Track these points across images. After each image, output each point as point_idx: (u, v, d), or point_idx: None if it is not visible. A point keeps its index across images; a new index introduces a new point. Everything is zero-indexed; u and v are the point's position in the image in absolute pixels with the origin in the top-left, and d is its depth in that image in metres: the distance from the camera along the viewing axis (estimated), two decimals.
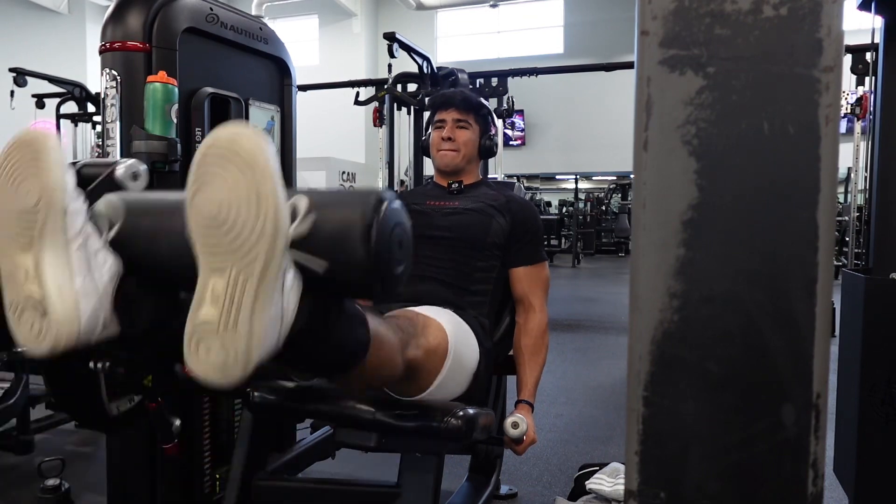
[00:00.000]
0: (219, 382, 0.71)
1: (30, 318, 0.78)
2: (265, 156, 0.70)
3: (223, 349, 0.70)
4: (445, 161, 1.70)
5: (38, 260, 0.78)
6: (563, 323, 5.33)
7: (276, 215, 0.69)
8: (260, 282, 0.69)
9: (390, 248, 0.75)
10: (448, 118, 1.70)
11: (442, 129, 1.70)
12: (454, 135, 1.68)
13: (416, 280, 1.52)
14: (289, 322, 0.74)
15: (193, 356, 0.72)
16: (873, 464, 1.60)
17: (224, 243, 0.70)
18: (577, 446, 2.54)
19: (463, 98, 1.73)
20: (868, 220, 1.97)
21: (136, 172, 1.00)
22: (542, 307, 1.62)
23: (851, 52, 4.25)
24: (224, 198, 0.69)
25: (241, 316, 0.69)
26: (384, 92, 5.09)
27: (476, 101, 1.74)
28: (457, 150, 1.68)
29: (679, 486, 0.59)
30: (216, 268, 0.71)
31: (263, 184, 0.69)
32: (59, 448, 2.39)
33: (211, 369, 0.71)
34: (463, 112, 1.70)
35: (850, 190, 6.05)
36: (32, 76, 6.11)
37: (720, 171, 0.58)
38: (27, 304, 0.78)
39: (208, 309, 0.71)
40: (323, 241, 0.74)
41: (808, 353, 0.56)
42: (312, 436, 1.64)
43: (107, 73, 1.50)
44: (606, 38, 12.47)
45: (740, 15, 0.57)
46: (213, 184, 0.70)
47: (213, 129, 0.72)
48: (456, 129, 1.69)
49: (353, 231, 0.73)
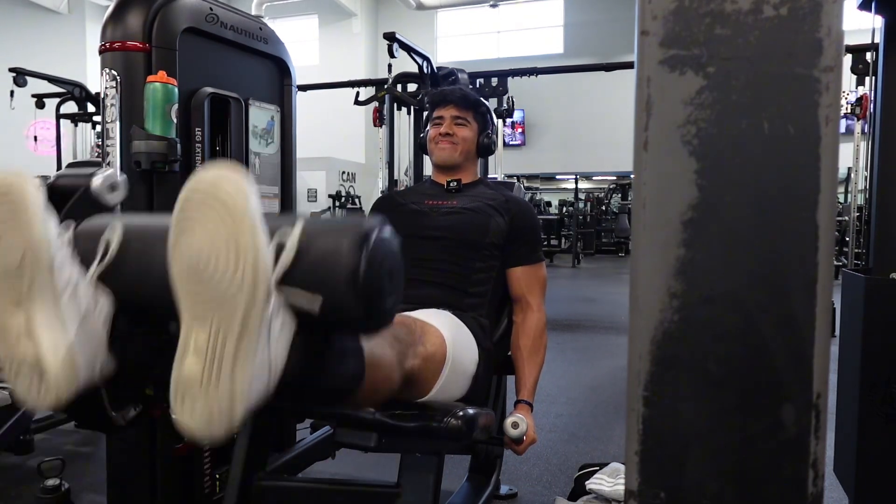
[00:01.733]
0: (204, 435, 0.69)
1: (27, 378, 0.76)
2: (245, 202, 0.67)
3: (207, 405, 0.68)
4: (443, 156, 1.69)
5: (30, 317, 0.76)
6: (563, 323, 5.33)
7: (255, 267, 0.67)
8: (240, 336, 0.67)
9: (380, 287, 0.73)
10: (446, 115, 1.70)
11: (440, 126, 1.70)
12: (452, 131, 1.69)
13: (415, 283, 1.52)
14: (278, 371, 0.72)
15: (179, 409, 0.70)
16: (873, 464, 1.60)
17: (204, 292, 0.68)
18: (577, 446, 2.54)
19: (461, 95, 1.73)
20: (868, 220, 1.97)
21: (114, 184, 0.97)
22: (539, 306, 1.62)
23: (851, 52, 4.25)
24: (203, 247, 0.68)
25: (223, 371, 0.67)
26: (384, 92, 5.09)
27: (474, 99, 1.74)
28: (455, 143, 1.68)
29: (679, 486, 0.59)
30: (198, 316, 0.69)
31: (242, 234, 0.67)
32: (59, 448, 2.39)
33: (196, 424, 0.69)
34: (462, 109, 1.70)
35: (850, 190, 6.05)
36: (32, 76, 6.11)
37: (720, 171, 0.58)
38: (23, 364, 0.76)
39: (191, 362, 0.69)
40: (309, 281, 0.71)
41: (808, 353, 0.56)
42: (312, 436, 1.64)
43: (107, 73, 1.50)
44: (606, 38, 12.47)
45: (740, 15, 0.57)
46: (194, 231, 0.68)
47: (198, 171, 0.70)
48: (454, 126, 1.69)
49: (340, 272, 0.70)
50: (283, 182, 1.88)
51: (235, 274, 0.67)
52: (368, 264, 0.71)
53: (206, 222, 0.68)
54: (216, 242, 0.67)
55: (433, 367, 1.24)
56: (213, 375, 0.68)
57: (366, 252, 0.71)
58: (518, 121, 13.47)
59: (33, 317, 0.76)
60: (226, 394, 0.68)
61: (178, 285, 0.70)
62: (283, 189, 1.87)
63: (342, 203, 11.19)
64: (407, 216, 1.65)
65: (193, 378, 0.68)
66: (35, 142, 7.70)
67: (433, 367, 1.24)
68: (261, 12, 10.31)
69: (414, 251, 1.58)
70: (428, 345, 1.23)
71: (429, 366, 1.22)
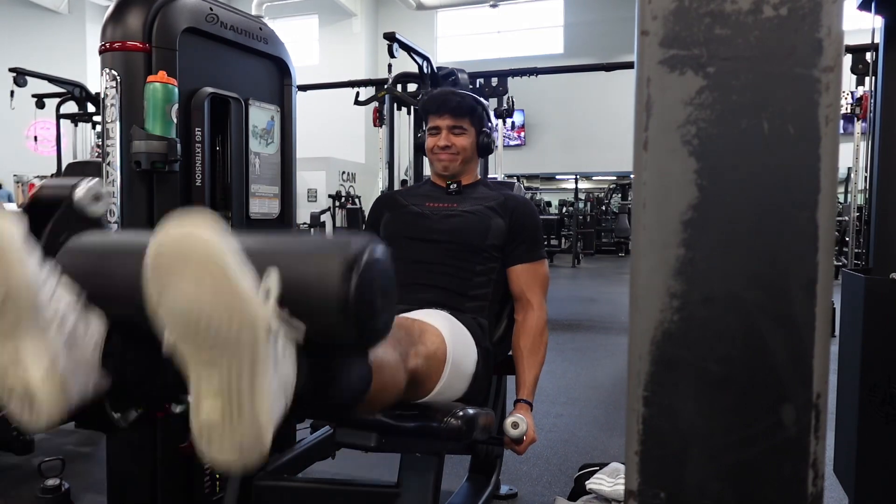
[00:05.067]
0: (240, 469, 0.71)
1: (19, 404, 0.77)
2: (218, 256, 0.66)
3: (235, 442, 0.69)
4: (443, 167, 1.69)
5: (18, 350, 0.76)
6: (563, 323, 5.33)
7: (250, 314, 0.67)
8: (252, 371, 0.68)
9: (373, 309, 0.72)
10: (442, 125, 1.67)
11: (437, 136, 1.68)
12: (450, 142, 1.67)
13: (415, 287, 1.52)
14: (290, 389, 0.73)
15: (208, 451, 0.70)
16: (873, 464, 1.60)
17: (205, 342, 0.68)
18: (577, 446, 2.54)
19: (456, 103, 1.68)
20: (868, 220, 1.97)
21: (97, 194, 0.95)
22: (540, 304, 1.61)
23: (851, 52, 4.25)
24: (190, 307, 0.67)
25: (244, 408, 0.68)
26: (384, 92, 5.09)
27: (469, 104, 1.69)
28: (455, 154, 1.68)
29: (679, 486, 0.59)
30: (205, 362, 0.69)
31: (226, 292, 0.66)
32: (59, 448, 2.39)
33: (229, 462, 0.70)
34: (457, 118, 1.67)
35: (850, 190, 6.05)
36: (32, 76, 6.11)
37: (720, 171, 0.58)
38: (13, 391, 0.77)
39: (210, 406, 0.69)
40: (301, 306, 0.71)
41: (808, 353, 0.56)
42: (312, 436, 1.64)
43: (107, 73, 1.50)
44: (606, 38, 12.47)
45: (740, 15, 0.57)
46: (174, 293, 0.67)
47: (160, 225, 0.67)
48: (451, 137, 1.67)
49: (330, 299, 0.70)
50: (283, 182, 1.88)
51: (231, 325, 0.67)
52: (359, 289, 0.70)
53: (184, 284, 0.66)
54: (202, 301, 0.66)
55: (435, 366, 1.24)
56: (234, 414, 0.69)
57: (356, 277, 0.70)
58: (519, 125, 13.47)
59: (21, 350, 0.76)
60: (251, 427, 0.69)
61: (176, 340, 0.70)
62: (283, 189, 1.87)
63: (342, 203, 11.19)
64: (407, 218, 1.65)
65: (215, 420, 0.69)
66: (35, 142, 7.71)
67: (435, 365, 1.24)
68: (261, 12, 10.32)
69: (414, 254, 1.58)
70: (428, 343, 1.22)
71: (431, 364, 1.22)
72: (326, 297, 0.70)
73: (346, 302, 0.69)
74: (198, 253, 0.66)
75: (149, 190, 1.51)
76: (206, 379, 0.69)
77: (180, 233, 0.67)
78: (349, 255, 0.71)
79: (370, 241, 0.75)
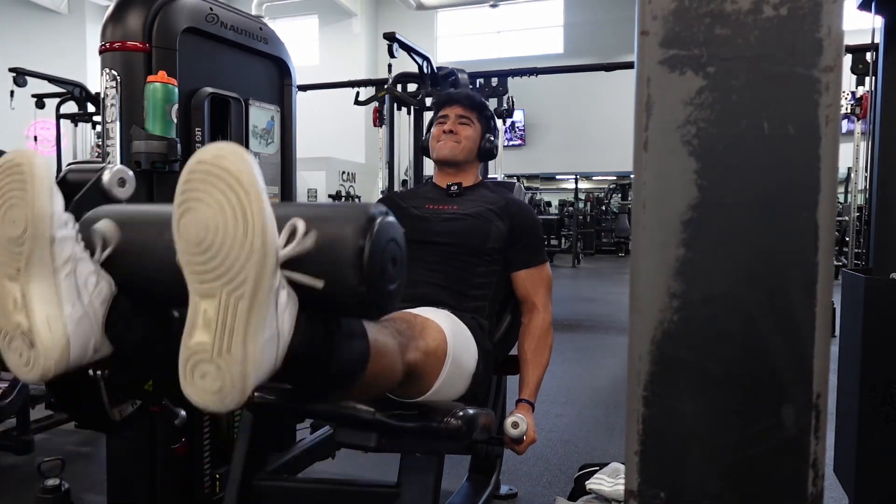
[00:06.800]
0: (216, 408, 0.70)
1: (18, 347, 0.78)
2: (250, 174, 0.68)
3: (219, 375, 0.68)
4: (445, 151, 1.70)
5: (25, 290, 0.77)
6: (564, 323, 5.33)
7: (263, 234, 0.67)
8: (251, 303, 0.68)
9: (384, 269, 0.74)
10: (451, 114, 1.73)
11: (444, 124, 1.73)
12: (456, 129, 1.71)
13: (416, 285, 1.52)
14: (285, 342, 0.73)
15: (189, 382, 0.70)
16: (873, 464, 1.60)
17: (212, 268, 0.68)
18: (577, 446, 2.54)
19: (467, 96, 1.76)
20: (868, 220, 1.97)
21: (123, 178, 0.98)
22: (545, 306, 1.62)
23: (851, 52, 4.25)
24: (210, 221, 0.68)
25: (235, 339, 0.68)
26: (384, 92, 5.09)
27: (479, 102, 1.78)
28: (457, 141, 1.70)
29: (679, 486, 0.59)
30: (206, 292, 0.69)
31: (249, 204, 0.67)
32: (59, 448, 2.39)
33: (207, 395, 0.69)
34: (466, 109, 1.73)
35: (850, 190, 6.05)
36: (32, 76, 6.11)
37: (720, 171, 0.58)
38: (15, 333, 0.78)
39: (201, 334, 0.69)
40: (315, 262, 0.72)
41: (808, 353, 0.56)
42: (312, 436, 1.64)
43: (107, 73, 1.50)
44: (606, 38, 12.47)
45: (740, 15, 0.57)
46: (198, 207, 0.69)
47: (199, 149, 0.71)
48: (458, 125, 1.71)
49: (345, 253, 0.71)
50: (283, 182, 1.88)
51: (245, 242, 0.67)
52: (373, 246, 0.72)
53: (212, 193, 0.68)
54: (223, 215, 0.68)
55: (434, 363, 1.24)
56: (224, 344, 0.68)
57: (370, 235, 0.72)
58: (519, 127, 13.47)
59: (29, 290, 0.77)
60: (238, 363, 0.68)
61: (185, 262, 0.71)
62: (283, 189, 1.88)
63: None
64: (407, 221, 1.65)
65: (204, 348, 0.69)
66: (35, 142, 7.71)
67: (434, 362, 1.24)
68: (261, 12, 10.31)
69: (414, 256, 1.58)
70: (429, 340, 1.22)
71: (430, 360, 1.22)
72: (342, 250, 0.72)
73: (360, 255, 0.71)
74: (232, 169, 0.68)
75: (149, 190, 1.51)
76: (203, 310, 0.69)
77: (218, 150, 0.69)
78: (366, 215, 0.74)
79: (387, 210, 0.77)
